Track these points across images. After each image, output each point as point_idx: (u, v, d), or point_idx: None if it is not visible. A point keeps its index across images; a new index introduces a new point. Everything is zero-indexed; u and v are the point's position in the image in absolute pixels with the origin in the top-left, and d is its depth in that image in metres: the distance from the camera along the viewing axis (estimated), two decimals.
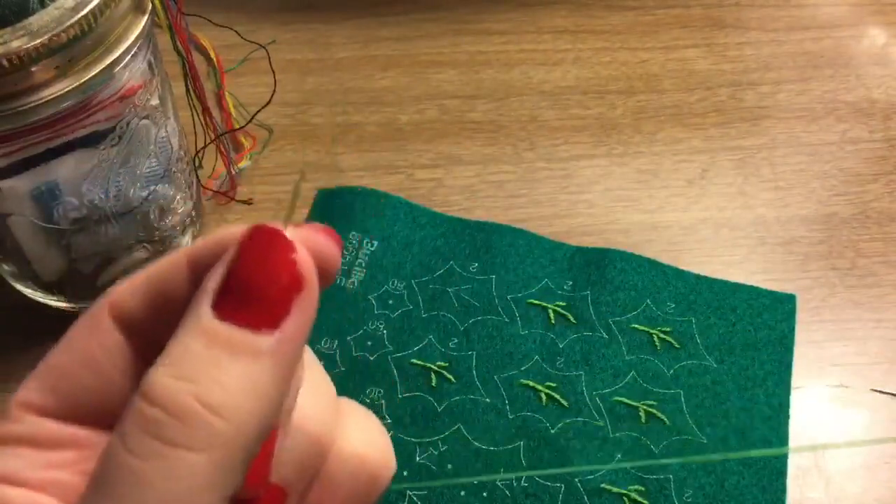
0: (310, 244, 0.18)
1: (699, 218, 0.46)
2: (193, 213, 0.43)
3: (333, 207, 0.45)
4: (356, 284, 0.42)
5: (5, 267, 0.39)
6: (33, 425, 0.19)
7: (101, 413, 0.20)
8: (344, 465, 0.21)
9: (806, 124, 0.51)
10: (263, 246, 0.18)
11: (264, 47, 0.50)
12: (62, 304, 0.40)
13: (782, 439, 0.38)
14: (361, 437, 0.21)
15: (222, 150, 0.45)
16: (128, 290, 0.20)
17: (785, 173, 0.49)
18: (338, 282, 0.42)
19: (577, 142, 0.50)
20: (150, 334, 0.20)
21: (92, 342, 0.19)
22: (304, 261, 0.18)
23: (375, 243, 0.43)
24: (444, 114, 0.51)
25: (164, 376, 0.16)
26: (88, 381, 0.19)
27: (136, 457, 0.16)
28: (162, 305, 0.19)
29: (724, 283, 0.43)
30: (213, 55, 0.53)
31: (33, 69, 0.30)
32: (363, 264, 0.43)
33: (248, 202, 0.46)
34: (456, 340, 0.40)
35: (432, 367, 0.39)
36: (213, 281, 0.17)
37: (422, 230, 0.44)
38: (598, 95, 0.52)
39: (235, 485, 0.17)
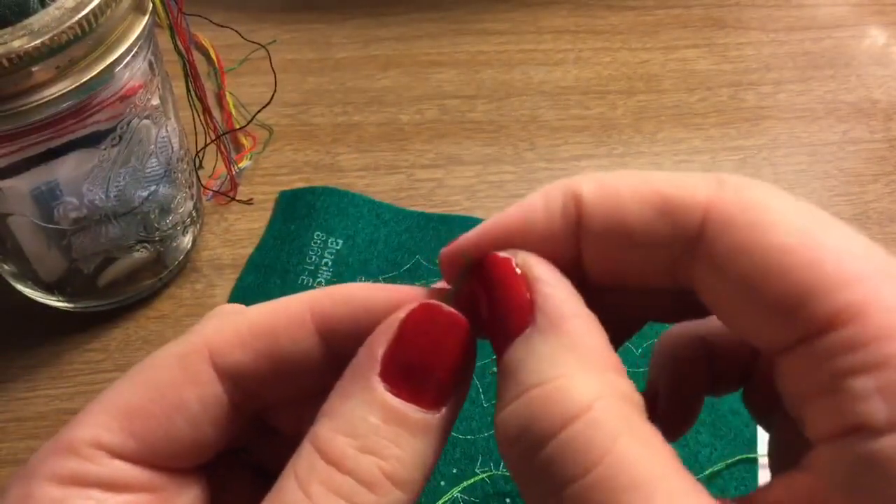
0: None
1: None
2: (194, 213, 0.43)
3: (296, 208, 0.45)
4: (323, 284, 0.42)
5: (5, 267, 0.39)
6: (108, 467, 0.19)
7: (179, 458, 0.20)
8: None
9: (806, 124, 0.51)
10: (436, 326, 0.18)
11: (264, 47, 0.50)
12: (62, 304, 0.40)
13: None
14: None
15: (223, 150, 0.45)
16: (231, 341, 0.20)
17: (785, 173, 0.49)
18: (304, 282, 0.43)
19: (578, 142, 0.50)
20: (251, 385, 0.20)
21: (186, 391, 0.19)
22: (473, 344, 0.19)
23: (340, 242, 0.44)
24: (444, 114, 0.51)
25: (348, 447, 0.18)
26: (178, 429, 0.19)
27: None
28: (275, 359, 0.20)
29: None
30: (213, 55, 0.53)
31: (34, 69, 0.30)
32: (329, 263, 0.43)
33: (248, 202, 0.46)
34: None
35: None
36: (379, 349, 0.18)
37: (385, 226, 0.45)
38: (598, 95, 0.52)
39: None
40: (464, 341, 0.18)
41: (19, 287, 0.40)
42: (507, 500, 0.36)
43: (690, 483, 0.15)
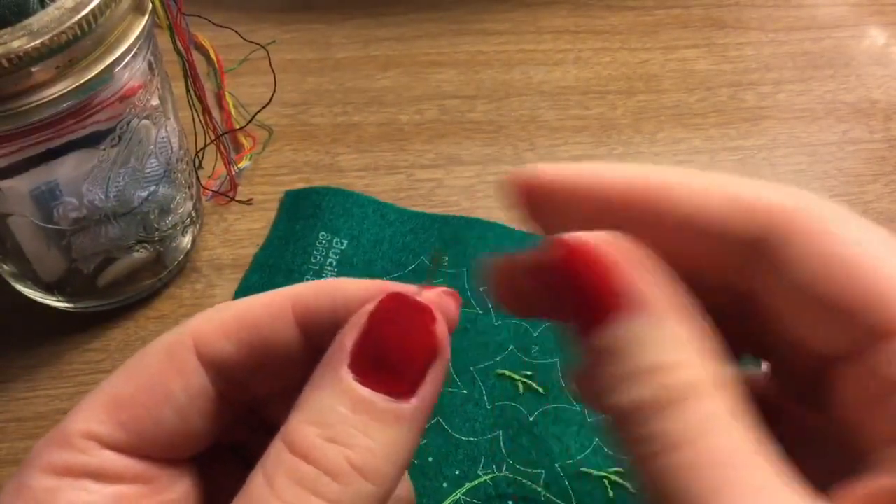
0: (441, 310, 0.19)
1: None
2: (193, 213, 0.43)
3: (301, 208, 0.45)
4: None
5: (5, 267, 0.39)
6: (100, 458, 0.19)
7: (171, 448, 0.20)
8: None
9: (806, 124, 0.51)
10: (403, 314, 0.18)
11: (264, 47, 0.50)
12: (62, 304, 0.40)
13: None
14: None
15: (222, 150, 0.45)
16: (216, 331, 0.20)
17: (785, 173, 0.49)
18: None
19: (578, 142, 0.50)
20: (236, 375, 0.20)
21: (173, 381, 0.19)
22: (441, 331, 0.19)
23: (345, 242, 0.44)
24: (443, 114, 0.51)
25: (315, 437, 0.17)
26: (166, 419, 0.19)
27: None
28: (258, 350, 0.20)
29: None
30: (213, 55, 0.53)
31: (33, 69, 0.30)
32: (333, 264, 0.43)
33: (248, 202, 0.46)
34: None
35: None
36: (349, 339, 0.18)
37: (390, 227, 0.44)
38: (598, 96, 0.52)
39: None
40: (432, 330, 0.18)
41: (19, 287, 0.40)
42: (510, 503, 0.36)
43: (777, 475, 0.15)
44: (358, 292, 0.19)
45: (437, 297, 0.19)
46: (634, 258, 0.18)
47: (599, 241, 0.18)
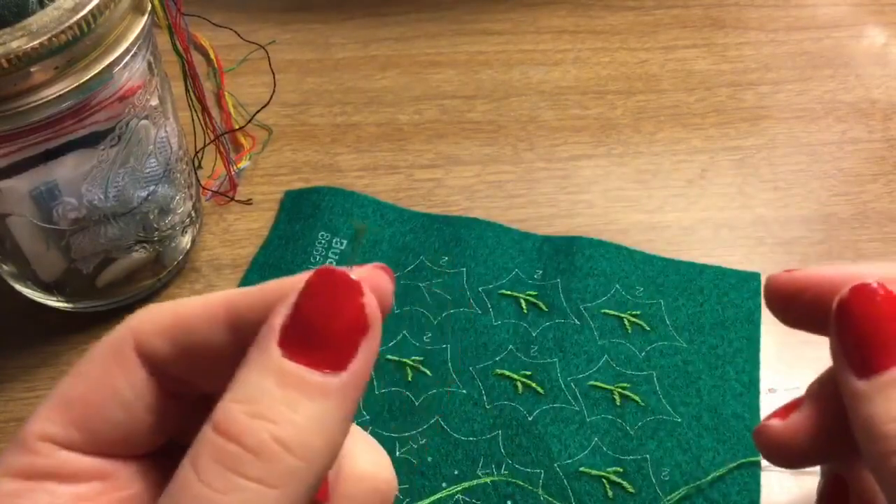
0: (372, 284, 0.19)
1: (699, 218, 0.46)
2: (193, 213, 0.43)
3: (301, 208, 0.45)
4: None
5: (5, 267, 0.39)
6: (57, 459, 0.19)
7: (124, 445, 0.20)
8: (358, 486, 0.21)
9: (805, 124, 0.51)
10: (330, 289, 0.18)
11: (264, 47, 0.50)
12: (62, 305, 0.40)
13: (754, 414, 0.39)
14: (369, 458, 0.22)
15: (222, 150, 0.45)
16: (153, 330, 0.20)
17: (784, 173, 0.49)
18: None
19: (577, 142, 0.50)
20: (174, 373, 0.20)
21: (117, 377, 0.19)
22: (371, 304, 0.18)
23: (345, 242, 0.44)
24: (443, 114, 0.51)
25: (239, 413, 0.17)
26: (114, 415, 0.19)
27: (214, 489, 0.16)
28: (191, 351, 0.19)
29: (691, 265, 0.43)
30: (212, 55, 0.53)
31: (33, 69, 0.30)
32: (333, 264, 0.43)
33: (247, 202, 0.46)
34: (430, 334, 0.41)
35: (408, 361, 0.40)
36: (279, 318, 0.18)
37: (390, 227, 0.45)
38: (597, 95, 0.52)
39: None
40: (361, 303, 0.18)
41: (18, 287, 0.40)
42: (509, 503, 0.36)
43: None
44: (289, 283, 0.19)
45: (367, 272, 0.19)
46: None
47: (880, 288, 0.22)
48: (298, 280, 0.19)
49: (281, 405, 0.17)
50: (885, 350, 0.22)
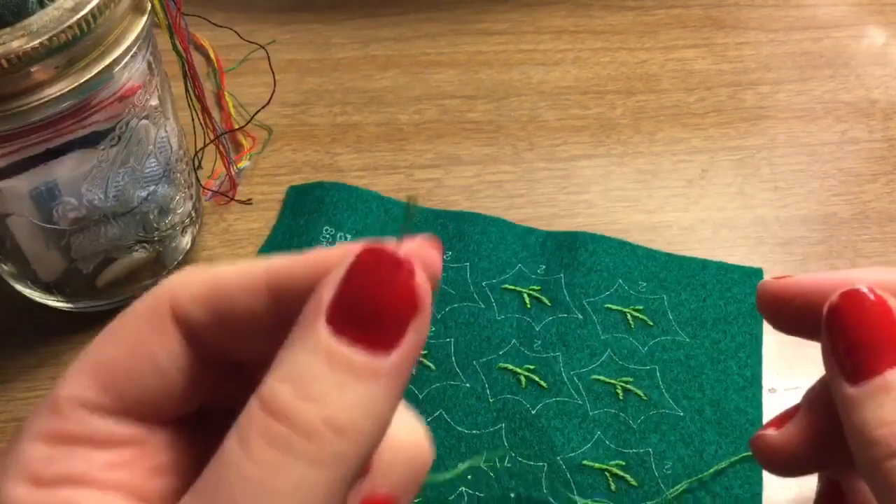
0: (422, 260, 0.18)
1: (699, 218, 0.46)
2: (193, 213, 0.43)
3: (305, 203, 0.45)
4: None
5: (5, 267, 0.39)
6: (90, 424, 0.18)
7: (155, 411, 0.19)
8: (398, 454, 0.21)
9: (805, 124, 0.51)
10: (381, 266, 0.18)
11: (264, 47, 0.50)
12: (62, 304, 0.40)
13: (756, 409, 0.39)
14: (406, 424, 0.21)
15: (222, 150, 0.45)
16: (190, 296, 0.19)
17: (784, 173, 0.49)
18: None
19: (577, 142, 0.50)
20: (209, 340, 0.19)
21: (153, 342, 0.19)
22: (422, 284, 0.18)
23: (349, 237, 0.44)
24: (443, 114, 0.51)
25: (289, 396, 0.17)
26: (148, 381, 0.19)
27: (261, 468, 0.16)
28: (228, 319, 0.19)
29: (694, 260, 0.44)
30: (212, 55, 0.53)
31: (33, 69, 0.30)
32: None
33: (247, 202, 0.46)
34: (433, 328, 0.41)
35: None
36: (327, 295, 0.17)
37: (395, 222, 0.45)
38: (597, 95, 0.52)
39: (344, 498, 0.17)
40: (412, 283, 0.18)
41: (18, 287, 0.40)
42: (512, 495, 0.36)
43: None
44: (334, 256, 0.19)
45: (417, 248, 0.19)
46: None
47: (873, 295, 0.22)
48: (345, 254, 0.18)
49: (331, 387, 0.17)
50: (876, 355, 0.22)
